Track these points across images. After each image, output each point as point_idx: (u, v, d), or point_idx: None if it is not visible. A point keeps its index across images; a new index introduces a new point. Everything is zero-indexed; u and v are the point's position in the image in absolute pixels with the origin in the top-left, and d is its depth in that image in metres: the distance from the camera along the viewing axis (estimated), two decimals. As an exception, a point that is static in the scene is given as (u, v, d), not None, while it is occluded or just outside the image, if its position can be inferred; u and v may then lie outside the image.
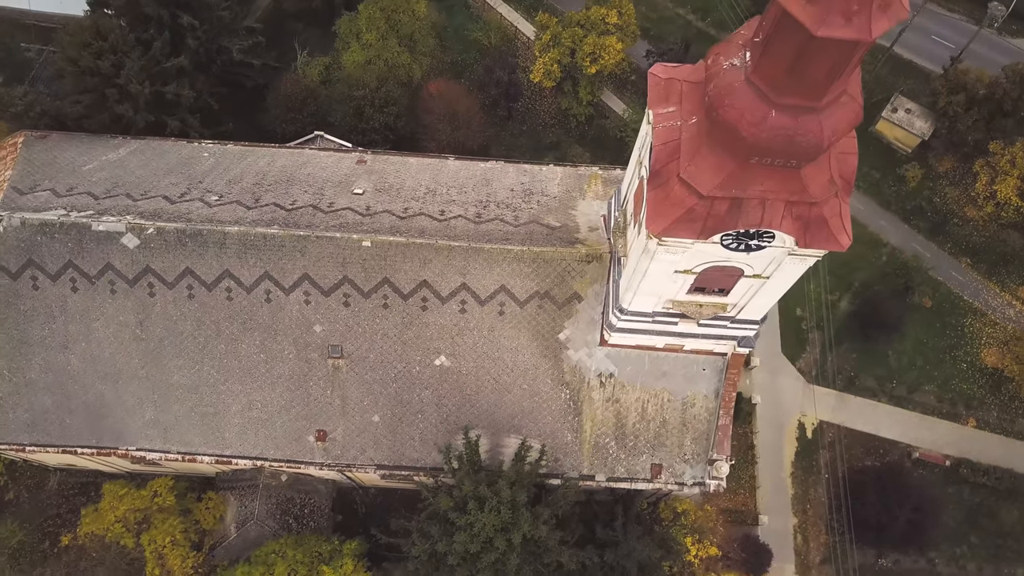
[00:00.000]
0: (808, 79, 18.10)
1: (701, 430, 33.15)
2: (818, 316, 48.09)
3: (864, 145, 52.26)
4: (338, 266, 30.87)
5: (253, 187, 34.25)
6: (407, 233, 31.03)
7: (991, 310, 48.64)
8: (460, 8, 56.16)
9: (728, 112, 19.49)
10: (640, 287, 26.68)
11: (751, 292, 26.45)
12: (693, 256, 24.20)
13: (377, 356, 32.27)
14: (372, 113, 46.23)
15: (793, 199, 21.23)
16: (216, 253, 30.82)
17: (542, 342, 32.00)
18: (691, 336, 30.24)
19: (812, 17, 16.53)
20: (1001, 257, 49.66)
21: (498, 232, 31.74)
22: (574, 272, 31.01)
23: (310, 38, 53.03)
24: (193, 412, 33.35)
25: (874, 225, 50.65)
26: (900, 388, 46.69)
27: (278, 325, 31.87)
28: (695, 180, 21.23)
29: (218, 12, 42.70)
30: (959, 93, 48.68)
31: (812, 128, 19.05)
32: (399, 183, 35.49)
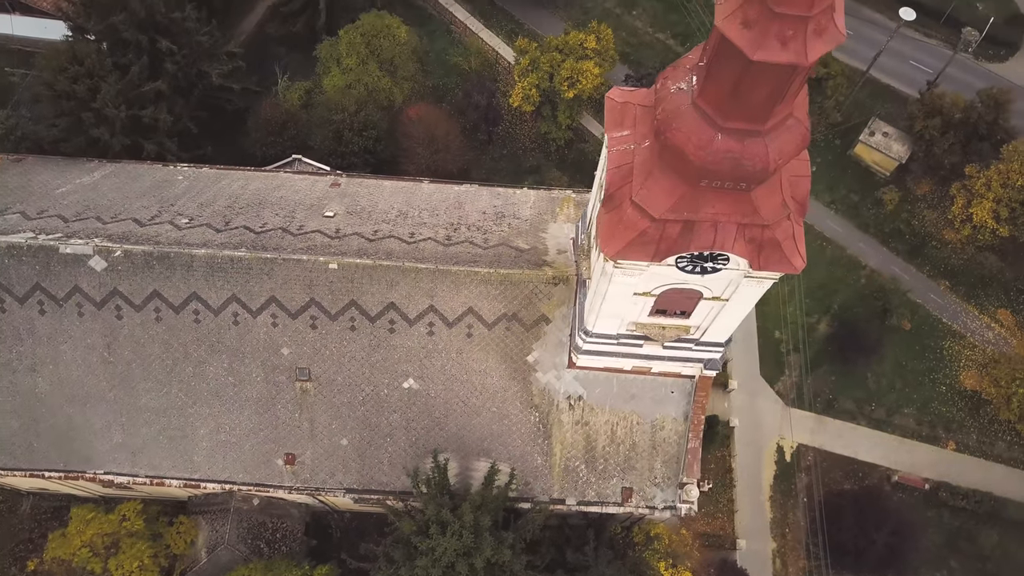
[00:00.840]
0: (751, 103, 18.25)
1: (671, 453, 33.00)
2: (797, 339, 48.08)
3: (842, 168, 53.18)
4: (305, 288, 30.90)
5: (224, 210, 34.37)
6: (374, 255, 31.09)
7: (970, 332, 48.67)
8: (442, 33, 56.74)
9: (675, 136, 19.64)
10: (602, 309, 26.70)
11: (712, 314, 26.46)
12: (650, 278, 24.26)
13: (345, 379, 32.20)
14: (351, 137, 46.51)
15: (745, 221, 21.31)
16: (183, 276, 30.85)
17: (511, 364, 31.95)
18: (657, 358, 30.18)
19: (749, 42, 16.71)
20: (979, 280, 49.79)
21: (466, 254, 31.81)
22: (541, 294, 31.04)
23: (293, 63, 53.53)
24: (161, 435, 33.20)
25: (853, 248, 50.82)
26: (879, 411, 46.57)
27: (246, 348, 31.82)
28: (647, 203, 21.34)
29: (197, 37, 43.08)
30: (935, 117, 49.09)
31: (758, 151, 19.18)
32: (371, 206, 35.64)
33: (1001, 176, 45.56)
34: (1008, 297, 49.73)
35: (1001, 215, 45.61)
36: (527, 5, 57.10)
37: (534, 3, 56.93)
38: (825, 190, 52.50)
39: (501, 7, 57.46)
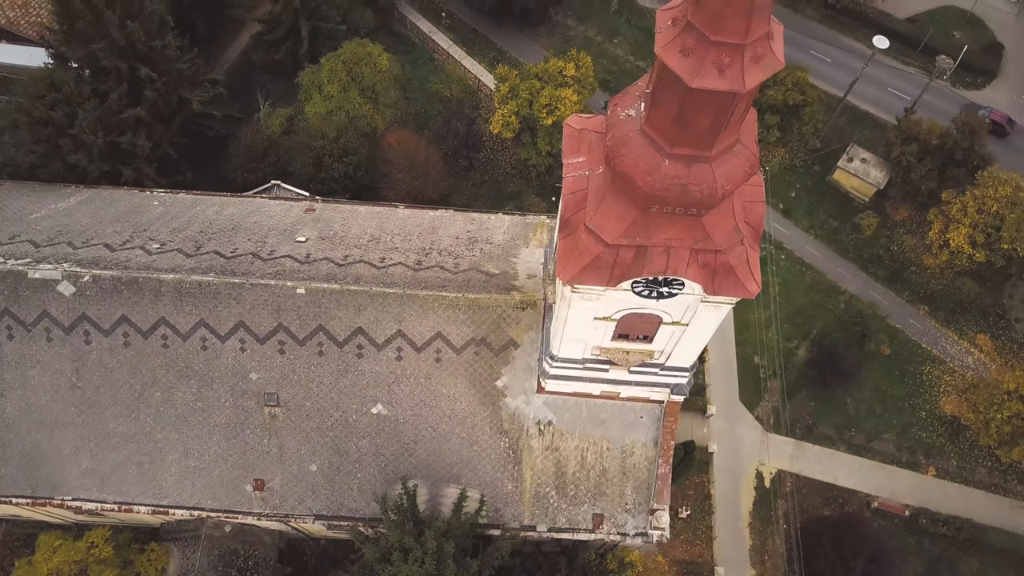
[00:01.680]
0: (695, 129, 18.45)
1: (641, 479, 32.83)
2: (776, 364, 48.05)
3: (822, 194, 53.52)
4: (273, 313, 30.94)
5: (197, 235, 34.51)
6: (343, 280, 31.17)
7: (950, 358, 48.67)
8: (425, 61, 57.36)
9: (624, 162, 19.83)
10: (565, 333, 26.76)
11: (674, 339, 26.49)
12: (608, 303, 24.33)
13: (314, 404, 32.11)
14: (331, 163, 46.84)
15: (698, 247, 21.44)
16: (152, 301, 30.89)
17: (479, 390, 31.89)
18: (625, 383, 30.17)
19: (687, 69, 16.95)
20: (958, 305, 49.88)
21: (436, 279, 31.89)
22: (509, 319, 31.07)
23: (276, 90, 54.11)
24: (130, 461, 33.03)
25: (832, 273, 50.98)
26: (859, 436, 46.41)
27: (214, 373, 31.76)
28: (600, 228, 21.48)
29: (178, 65, 43.51)
30: (912, 143, 49.51)
31: (705, 177, 19.35)
32: (344, 231, 35.79)
33: (976, 202, 45.86)
34: (987, 322, 49.79)
35: (977, 240, 45.83)
36: (509, 34, 57.81)
37: (516, 31, 57.63)
38: (804, 215, 52.78)
39: (484, 36, 58.20)
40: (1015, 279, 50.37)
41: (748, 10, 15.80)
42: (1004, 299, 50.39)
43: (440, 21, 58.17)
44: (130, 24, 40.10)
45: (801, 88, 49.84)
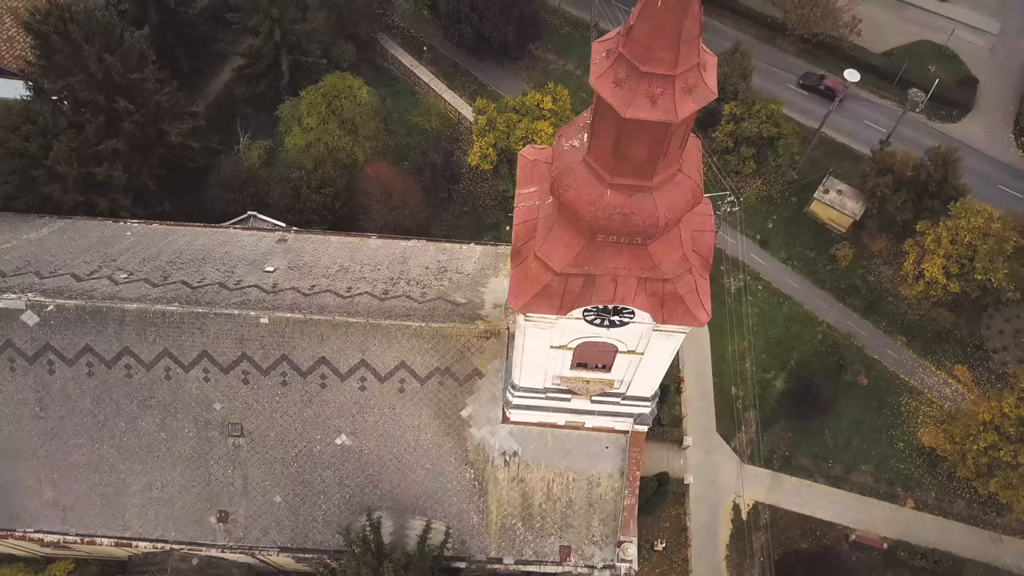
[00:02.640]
0: (634, 159, 18.66)
1: (608, 511, 32.57)
2: (753, 395, 47.89)
3: (799, 225, 53.75)
4: (236, 343, 30.93)
5: (166, 265, 34.64)
6: (306, 310, 31.22)
7: (927, 388, 48.53)
8: (407, 94, 58.03)
9: (567, 192, 20.02)
10: (524, 362, 26.76)
11: (632, 368, 26.47)
12: (563, 332, 24.36)
13: (278, 434, 31.97)
14: (309, 194, 47.17)
15: (646, 275, 21.53)
16: (115, 330, 30.91)
17: (444, 420, 31.78)
18: (588, 413, 30.08)
19: (620, 100, 17.21)
20: (935, 335, 49.89)
21: (401, 308, 31.95)
22: (474, 348, 31.07)
23: (258, 122, 54.63)
24: (93, 492, 32.78)
25: (810, 304, 51.03)
26: (836, 468, 46.08)
27: (178, 403, 31.68)
28: (549, 257, 21.60)
29: (157, 97, 43.98)
30: (886, 175, 49.87)
31: (646, 207, 19.52)
32: (314, 261, 35.94)
33: (950, 232, 46.01)
34: (965, 352, 49.74)
35: (951, 271, 45.88)
36: (490, 67, 58.55)
37: (496, 65, 58.36)
38: (782, 246, 52.99)
39: (465, 69, 58.94)
40: (992, 310, 50.39)
41: (675, 42, 16.08)
42: (981, 329, 50.37)
43: (422, 55, 58.97)
44: (107, 58, 40.60)
45: (776, 121, 50.38)
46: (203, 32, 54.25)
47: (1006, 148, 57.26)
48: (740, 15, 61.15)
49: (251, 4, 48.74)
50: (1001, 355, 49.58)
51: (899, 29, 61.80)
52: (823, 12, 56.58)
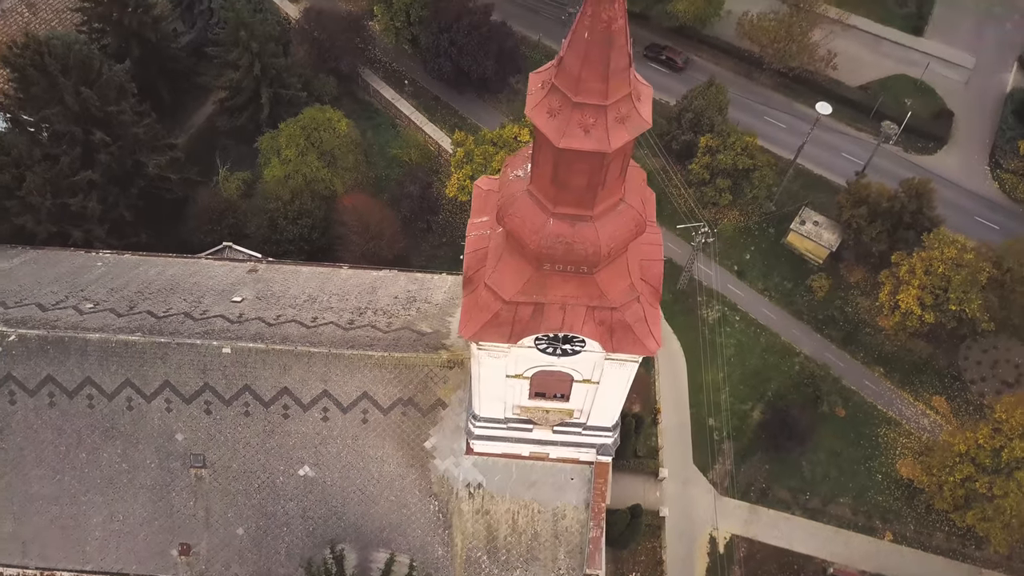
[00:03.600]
0: (573, 188, 18.83)
1: (574, 543, 32.19)
2: (731, 426, 47.66)
3: (776, 256, 53.92)
4: (199, 373, 30.83)
5: (133, 295, 34.65)
6: (269, 340, 31.18)
7: (905, 420, 48.32)
8: (387, 127, 58.59)
9: (512, 220, 20.16)
10: (482, 392, 26.68)
11: (589, 397, 26.38)
12: (517, 360, 24.33)
13: (240, 466, 31.71)
14: (285, 225, 47.41)
15: (594, 304, 21.59)
16: (78, 360, 30.82)
17: (408, 451, 31.56)
18: (551, 443, 29.90)
19: (554, 130, 17.41)
20: (913, 366, 49.82)
21: (365, 338, 31.91)
22: (437, 378, 30.98)
23: (239, 154, 55.02)
24: (53, 524, 32.40)
25: (787, 335, 51.01)
26: (814, 500, 45.68)
27: (140, 433, 31.47)
28: (498, 286, 21.66)
29: (134, 129, 44.38)
30: (861, 206, 50.20)
31: (589, 236, 19.65)
32: (282, 291, 35.97)
33: (924, 263, 46.16)
34: (943, 384, 49.62)
35: (926, 302, 45.95)
36: (470, 101, 59.20)
37: (476, 99, 59.00)
38: (759, 277, 53.12)
39: (445, 103, 59.58)
40: (969, 340, 50.39)
41: (604, 73, 16.32)
42: (959, 360, 50.30)
43: (403, 89, 59.63)
44: (84, 90, 41.06)
45: (751, 153, 50.81)
46: (186, 66, 54.92)
47: (982, 180, 57.71)
48: (718, 50, 61.99)
49: (231, 38, 49.40)
50: (979, 386, 49.47)
51: (875, 64, 62.64)
52: (799, 47, 57.35)
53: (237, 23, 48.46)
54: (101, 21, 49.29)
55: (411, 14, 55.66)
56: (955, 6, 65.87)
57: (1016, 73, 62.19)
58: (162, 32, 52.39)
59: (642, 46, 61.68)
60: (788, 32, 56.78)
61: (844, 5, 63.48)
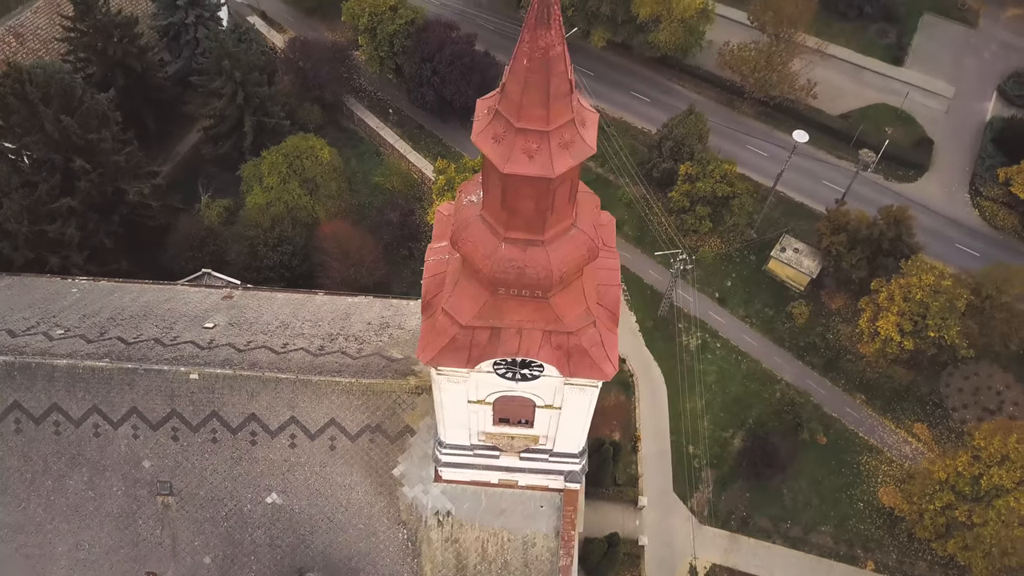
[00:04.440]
0: (522, 213, 18.94)
1: (544, 571, 31.80)
2: (711, 454, 47.42)
3: (757, 283, 54.08)
4: (166, 399, 30.69)
5: (105, 321, 34.59)
6: (238, 365, 31.07)
7: (887, 447, 48.10)
8: (371, 155, 59.02)
9: (465, 245, 20.24)
10: (446, 418, 26.57)
11: (553, 423, 26.26)
12: (477, 386, 24.26)
13: (207, 493, 31.42)
14: (266, 252, 47.61)
15: (550, 328, 21.58)
16: (44, 386, 30.68)
17: (376, 478, 31.32)
18: (519, 471, 29.66)
19: (499, 156, 17.57)
20: (894, 393, 49.69)
21: (334, 364, 31.81)
22: (405, 404, 30.85)
23: (224, 182, 55.35)
24: (18, 553, 32.01)
25: (768, 361, 50.94)
26: (795, 529, 45.30)
27: (106, 460, 31.20)
28: (455, 310, 21.67)
29: (114, 157, 44.68)
30: (840, 233, 50.43)
31: (540, 260, 19.71)
32: (255, 317, 35.92)
33: (902, 290, 46.23)
34: (924, 411, 49.47)
35: (905, 328, 45.93)
36: (453, 129, 59.65)
37: (460, 127, 59.44)
38: (740, 304, 53.18)
39: (429, 131, 60.11)
40: (951, 367, 50.31)
41: (545, 99, 16.50)
42: (941, 387, 50.19)
43: (388, 117, 60.18)
44: (65, 119, 41.40)
45: (730, 180, 51.15)
46: (171, 95, 55.46)
47: (963, 207, 58.07)
48: (699, 79, 62.70)
49: (215, 68, 49.96)
50: (961, 413, 49.30)
51: (856, 93, 63.32)
52: (779, 76, 58.00)
53: (220, 53, 49.05)
54: (86, 51, 49.87)
55: (395, 44, 56.35)
56: (935, 37, 66.83)
57: (995, 102, 62.89)
58: (148, 62, 52.99)
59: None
60: (768, 62, 57.46)
61: (824, 35, 64.38)
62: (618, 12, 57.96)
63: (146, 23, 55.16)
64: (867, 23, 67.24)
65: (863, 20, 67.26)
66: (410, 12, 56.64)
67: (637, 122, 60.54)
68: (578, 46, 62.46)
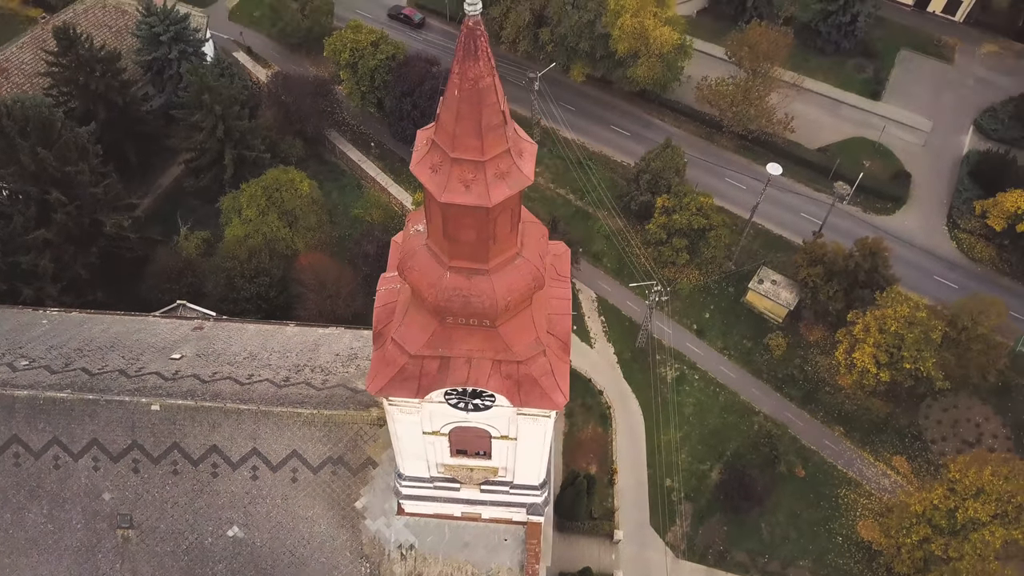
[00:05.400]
0: (464, 242, 19.04)
1: (509, 607, 31.35)
2: (688, 487, 47.00)
3: (736, 315, 54.06)
4: (127, 431, 30.47)
5: (72, 352, 34.48)
6: (200, 396, 30.92)
7: (866, 480, 47.72)
8: (353, 188, 59.42)
9: (411, 274, 20.31)
10: (403, 449, 26.39)
11: (511, 455, 26.08)
12: (430, 416, 24.14)
13: (168, 526, 31.05)
14: (243, 283, 47.62)
15: (499, 358, 21.55)
16: (4, 418, 30.46)
17: (338, 511, 30.99)
18: (481, 503, 29.36)
19: (436, 185, 17.72)
20: (873, 426, 49.46)
21: (296, 396, 31.66)
22: (367, 436, 30.64)
23: (205, 214, 55.75)
24: (-25, 588, 31.57)
25: (746, 393, 50.76)
26: (773, 563, 44.74)
27: (66, 493, 30.88)
28: (404, 340, 21.68)
29: (92, 190, 44.94)
30: (817, 265, 50.60)
31: (485, 289, 19.77)
32: (224, 348, 35.82)
33: (877, 321, 46.28)
34: (903, 443, 49.18)
35: (881, 360, 45.88)
36: (435, 162, 60.00)
37: (441, 160, 59.92)
38: (719, 336, 53.14)
39: (411, 164, 60.41)
40: (929, 399, 50.15)
41: (477, 130, 16.70)
42: (920, 419, 49.97)
43: (370, 151, 60.68)
44: (41, 151, 41.73)
45: (705, 213, 51.43)
46: (154, 128, 56.03)
47: (941, 240, 58.36)
48: (679, 113, 63.44)
49: (195, 101, 50.49)
50: (940, 445, 49.03)
51: (834, 127, 64.04)
52: (757, 111, 58.65)
53: (200, 87, 49.59)
54: (67, 85, 50.46)
55: (376, 78, 57.05)
56: (912, 72, 67.81)
57: (972, 136, 63.55)
58: (130, 96, 53.57)
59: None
60: (746, 96, 58.16)
61: (802, 70, 65.34)
62: (597, 48, 58.81)
63: (131, 58, 55.88)
64: (845, 58, 68.26)
65: (841, 56, 68.29)
66: (391, 47, 57.42)
67: (617, 156, 61.09)
68: (559, 80, 63.38)
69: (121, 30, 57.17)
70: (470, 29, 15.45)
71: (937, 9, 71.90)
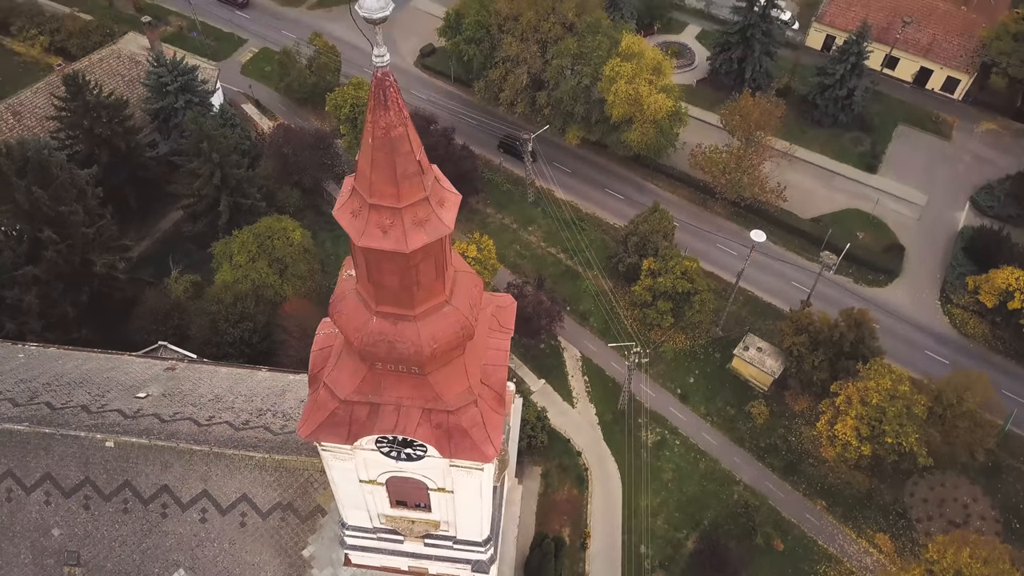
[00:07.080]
0: (389, 288, 19.26)
1: (453, 669, 30.47)
2: (663, 555, 45.87)
3: (720, 381, 53.55)
4: (81, 466, 30.54)
5: (40, 386, 34.82)
6: (156, 435, 31.00)
7: (847, 557, 46.33)
8: (346, 238, 59.86)
9: (339, 318, 20.54)
10: (341, 498, 26.20)
11: (450, 508, 25.77)
12: (365, 464, 24.02)
13: (114, 566, 30.81)
14: (226, 327, 48.10)
15: (429, 406, 21.53)
16: (-39, 448, 30.74)
17: (286, 559, 30.62)
18: (427, 558, 28.88)
19: (355, 230, 18.08)
20: (857, 501, 48.24)
21: (253, 439, 31.65)
22: (317, 483, 30.45)
23: (198, 258, 56.65)
24: (-82, 622, 31.33)
25: (727, 461, 49.89)
26: (746, 640, 43.27)
27: (16, 527, 30.84)
28: (335, 384, 21.75)
29: (84, 229, 46.04)
30: (802, 334, 50.21)
31: (410, 335, 19.89)
32: (191, 390, 36.03)
33: (860, 393, 45.61)
34: (887, 520, 47.84)
35: (862, 433, 45.06)
36: (429, 217, 60.88)
37: (435, 215, 60.79)
38: (702, 401, 52.55)
39: (406, 218, 61.31)
40: (916, 476, 48.95)
41: (392, 177, 17.12)
42: (905, 497, 48.68)
43: (366, 203, 61.59)
44: (36, 191, 42.98)
45: (690, 276, 51.48)
46: (156, 174, 57.52)
47: (933, 314, 57.77)
48: (673, 178, 64.15)
49: (194, 149, 51.94)
50: (925, 524, 47.63)
51: (828, 197, 64.33)
52: (749, 178, 59.17)
53: (200, 135, 51.09)
54: (74, 128, 52.18)
55: (374, 134, 58.27)
56: (909, 146, 68.27)
57: (967, 211, 63.46)
58: (135, 141, 55.24)
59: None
60: (738, 164, 58.77)
61: (799, 141, 66.02)
62: (592, 112, 60.01)
63: (139, 106, 57.86)
64: (842, 131, 68.99)
65: (838, 128, 69.06)
66: (391, 105, 58.78)
67: (609, 218, 61.66)
68: (555, 143, 64.55)
69: (133, 79, 59.42)
70: (379, 80, 16.00)
71: (936, 87, 72.76)
